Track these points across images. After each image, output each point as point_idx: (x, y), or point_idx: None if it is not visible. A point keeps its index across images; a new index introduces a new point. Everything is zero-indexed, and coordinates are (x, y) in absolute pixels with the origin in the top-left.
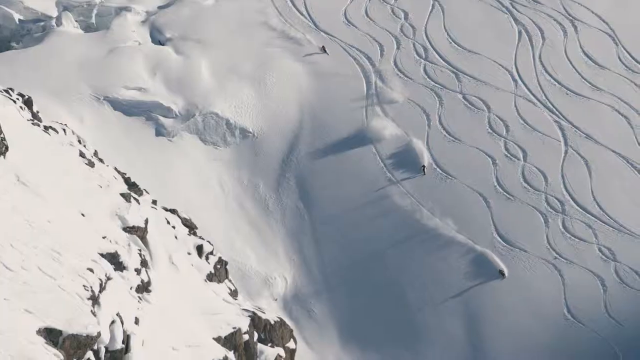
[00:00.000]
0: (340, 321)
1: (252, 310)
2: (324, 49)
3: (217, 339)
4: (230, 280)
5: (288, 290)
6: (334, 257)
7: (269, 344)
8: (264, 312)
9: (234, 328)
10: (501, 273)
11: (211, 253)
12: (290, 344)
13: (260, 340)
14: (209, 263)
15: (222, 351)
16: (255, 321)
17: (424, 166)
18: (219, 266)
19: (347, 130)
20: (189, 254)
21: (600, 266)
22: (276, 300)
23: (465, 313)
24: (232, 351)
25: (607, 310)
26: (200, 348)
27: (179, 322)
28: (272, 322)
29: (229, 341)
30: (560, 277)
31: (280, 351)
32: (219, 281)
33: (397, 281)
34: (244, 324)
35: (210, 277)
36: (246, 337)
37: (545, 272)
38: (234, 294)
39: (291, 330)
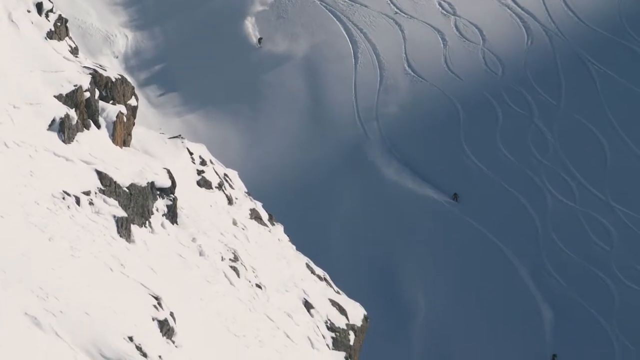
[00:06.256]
0: (182, 79)
1: (93, 67)
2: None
3: (58, 97)
4: (70, 38)
5: (129, 47)
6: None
7: (111, 102)
8: (105, 70)
9: (75, 85)
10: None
11: (51, 11)
12: (132, 101)
13: (101, 97)
14: (49, 21)
15: (63, 109)
16: (97, 79)
17: (455, 194)
18: (59, 24)
19: None
20: (28, 11)
21: (441, 20)
22: (117, 57)
23: (307, 70)
24: (74, 109)
25: (447, 65)
26: (41, 106)
27: (19, 80)
28: (114, 80)
29: (70, 99)
30: (401, 32)
31: (122, 108)
32: (59, 39)
33: (241, 39)
34: (85, 81)
35: (50, 35)
36: (87, 94)
37: (386, 28)
38: (74, 51)
39: (133, 88)
